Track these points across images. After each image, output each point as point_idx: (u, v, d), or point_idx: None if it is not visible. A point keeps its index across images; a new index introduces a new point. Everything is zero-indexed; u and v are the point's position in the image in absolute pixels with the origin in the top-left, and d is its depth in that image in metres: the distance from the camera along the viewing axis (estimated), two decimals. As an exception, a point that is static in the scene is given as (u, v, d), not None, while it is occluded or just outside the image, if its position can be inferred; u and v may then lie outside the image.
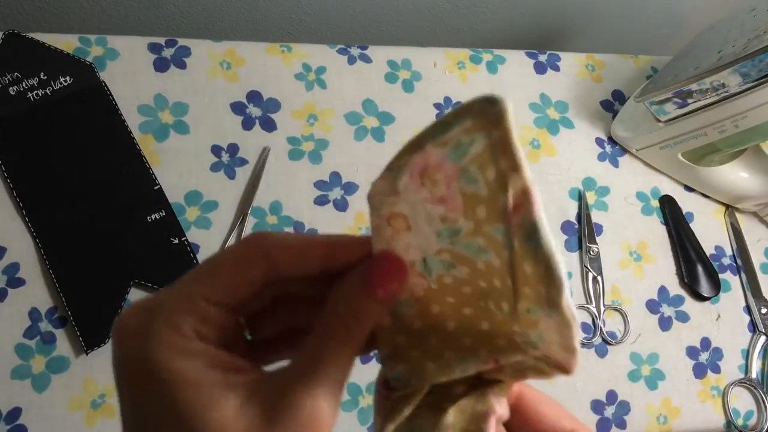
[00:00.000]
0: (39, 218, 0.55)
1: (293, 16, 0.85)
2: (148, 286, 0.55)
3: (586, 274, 0.64)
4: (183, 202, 0.59)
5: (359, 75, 0.67)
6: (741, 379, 0.64)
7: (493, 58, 0.71)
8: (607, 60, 0.75)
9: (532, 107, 0.70)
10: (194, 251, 0.57)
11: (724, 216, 0.71)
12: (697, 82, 0.59)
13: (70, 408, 0.52)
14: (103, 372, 0.53)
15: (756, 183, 0.68)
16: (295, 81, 0.65)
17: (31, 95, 0.57)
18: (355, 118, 0.65)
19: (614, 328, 0.64)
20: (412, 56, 0.69)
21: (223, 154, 0.61)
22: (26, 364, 0.52)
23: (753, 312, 0.67)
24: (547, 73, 0.72)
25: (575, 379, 0.61)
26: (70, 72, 0.59)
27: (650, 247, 0.67)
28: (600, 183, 0.69)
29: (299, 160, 0.62)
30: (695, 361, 0.64)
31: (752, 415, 0.64)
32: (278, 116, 0.63)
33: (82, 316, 0.53)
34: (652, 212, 0.69)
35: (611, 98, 0.73)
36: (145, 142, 0.59)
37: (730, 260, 0.69)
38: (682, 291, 0.67)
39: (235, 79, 0.63)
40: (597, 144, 0.70)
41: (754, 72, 0.56)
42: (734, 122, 0.60)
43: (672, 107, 0.63)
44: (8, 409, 0.51)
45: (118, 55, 0.61)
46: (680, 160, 0.68)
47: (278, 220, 0.60)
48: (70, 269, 0.54)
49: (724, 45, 0.60)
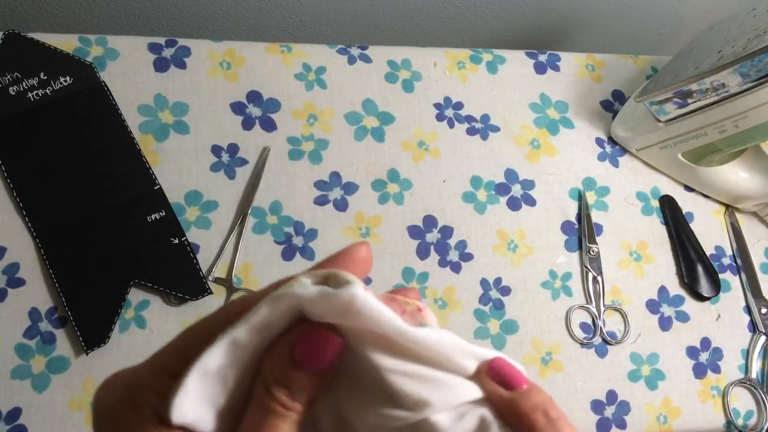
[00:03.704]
0: (39, 218, 0.55)
1: (293, 16, 0.85)
2: (148, 286, 0.55)
3: (586, 274, 0.64)
4: (183, 202, 0.59)
5: (359, 75, 0.67)
6: (741, 379, 0.64)
7: (493, 58, 0.71)
8: (607, 60, 0.75)
9: (532, 107, 0.70)
10: (194, 251, 0.57)
11: (724, 216, 0.71)
12: (697, 82, 0.59)
13: (70, 408, 0.52)
14: (103, 372, 0.53)
15: (756, 183, 0.68)
16: (295, 81, 0.65)
17: (31, 95, 0.57)
18: (355, 118, 0.65)
19: (614, 328, 0.64)
20: (412, 56, 0.69)
21: (223, 154, 0.61)
22: (26, 364, 0.52)
23: (753, 312, 0.67)
24: (547, 73, 0.72)
25: (575, 379, 0.61)
26: (70, 72, 0.59)
27: (650, 247, 0.67)
28: (600, 183, 0.69)
29: (299, 160, 0.62)
30: (695, 361, 0.64)
31: (752, 415, 0.64)
32: (278, 116, 0.63)
33: (82, 316, 0.53)
34: (652, 212, 0.69)
35: (611, 98, 0.73)
36: (145, 142, 0.59)
37: (730, 260, 0.69)
38: (682, 291, 0.67)
39: (235, 79, 0.63)
40: (597, 144, 0.70)
41: (753, 72, 0.56)
42: (734, 122, 0.60)
43: (672, 107, 0.63)
44: (8, 409, 0.51)
45: (118, 55, 0.61)
46: (680, 160, 0.68)
47: (278, 220, 0.60)
48: (70, 269, 0.54)
49: (724, 45, 0.60)
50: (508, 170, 0.67)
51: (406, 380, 0.21)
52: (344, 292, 0.20)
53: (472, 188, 0.65)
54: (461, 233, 0.63)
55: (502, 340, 0.61)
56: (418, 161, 0.65)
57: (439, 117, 0.67)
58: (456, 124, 0.67)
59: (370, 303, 0.20)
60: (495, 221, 0.65)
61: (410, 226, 0.63)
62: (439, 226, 0.63)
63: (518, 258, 0.64)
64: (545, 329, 0.62)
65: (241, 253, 0.58)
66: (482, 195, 0.65)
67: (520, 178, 0.67)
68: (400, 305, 0.22)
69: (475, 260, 0.63)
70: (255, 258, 0.58)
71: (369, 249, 0.24)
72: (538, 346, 0.61)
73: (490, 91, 0.70)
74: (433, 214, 0.63)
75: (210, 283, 0.57)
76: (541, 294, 0.63)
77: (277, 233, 0.60)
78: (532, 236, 0.65)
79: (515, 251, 0.64)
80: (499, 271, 0.63)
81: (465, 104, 0.68)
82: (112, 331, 0.53)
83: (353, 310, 0.20)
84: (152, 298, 0.56)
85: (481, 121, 0.68)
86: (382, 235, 0.62)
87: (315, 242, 0.60)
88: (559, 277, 0.64)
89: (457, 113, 0.68)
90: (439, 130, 0.67)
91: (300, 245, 0.60)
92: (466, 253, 0.63)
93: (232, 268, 0.58)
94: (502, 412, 0.22)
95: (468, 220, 0.64)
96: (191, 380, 0.21)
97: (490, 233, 0.64)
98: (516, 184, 0.67)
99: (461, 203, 0.65)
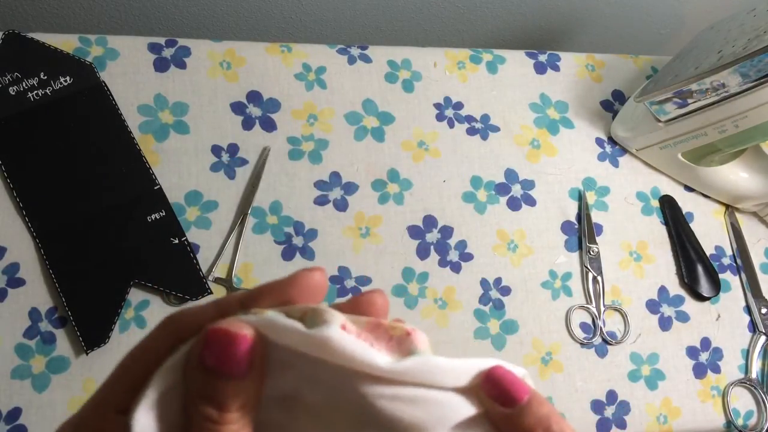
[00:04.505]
0: (39, 218, 0.55)
1: (293, 16, 0.85)
2: (148, 286, 0.55)
3: (586, 274, 0.64)
4: (183, 202, 0.59)
5: (359, 75, 0.67)
6: (741, 379, 0.64)
7: (493, 58, 0.71)
8: (607, 60, 0.75)
9: (532, 107, 0.70)
10: (194, 251, 0.57)
11: (724, 216, 0.71)
12: (697, 82, 0.59)
13: (70, 408, 0.52)
14: (103, 372, 0.53)
15: (756, 183, 0.68)
16: (295, 81, 0.65)
17: (31, 95, 0.57)
18: (355, 118, 0.65)
19: (614, 328, 0.64)
20: (412, 56, 0.69)
21: (223, 154, 0.61)
22: (26, 364, 0.52)
23: (753, 312, 0.67)
24: (547, 73, 0.72)
25: (575, 379, 0.61)
26: (70, 72, 0.59)
27: (650, 247, 0.67)
28: (600, 183, 0.69)
29: (299, 160, 0.62)
30: (695, 361, 0.64)
31: (752, 415, 0.64)
32: (278, 116, 0.63)
33: (82, 316, 0.53)
34: (652, 212, 0.69)
35: (611, 98, 0.73)
36: (145, 142, 0.59)
37: (730, 260, 0.69)
38: (682, 291, 0.67)
39: (235, 79, 0.63)
40: (597, 144, 0.70)
41: (753, 72, 0.56)
42: (734, 122, 0.60)
43: (672, 107, 0.63)
44: (8, 409, 0.51)
45: (118, 55, 0.61)
46: (680, 160, 0.68)
47: (278, 220, 0.60)
48: (70, 269, 0.54)
49: (724, 45, 0.60)
50: (508, 170, 0.67)
51: (398, 404, 0.20)
52: (318, 333, 0.19)
53: (472, 188, 0.65)
54: (461, 233, 0.63)
55: (502, 340, 0.61)
56: (418, 161, 0.65)
57: (439, 117, 0.67)
58: (456, 124, 0.67)
59: (347, 344, 0.19)
60: (495, 221, 0.65)
61: (410, 226, 0.63)
62: (439, 226, 0.63)
63: (518, 258, 0.64)
64: (545, 329, 0.62)
65: (241, 253, 0.58)
66: (482, 195, 0.65)
67: (520, 178, 0.67)
68: (387, 331, 0.21)
69: (475, 260, 0.63)
70: (255, 258, 0.58)
71: (323, 275, 0.22)
72: (538, 346, 0.61)
73: (490, 91, 0.70)
74: (433, 214, 0.64)
75: (210, 283, 0.57)
76: (541, 294, 0.63)
77: (277, 233, 0.60)
78: (532, 236, 0.65)
79: (515, 251, 0.64)
80: (499, 271, 0.63)
81: (465, 104, 0.68)
82: (112, 331, 0.53)
83: (327, 350, 0.19)
84: (152, 298, 0.56)
85: (481, 121, 0.68)
86: (382, 235, 0.62)
87: (315, 242, 0.60)
88: (559, 277, 0.64)
89: (457, 113, 0.68)
90: (439, 130, 0.67)
91: (300, 245, 0.60)
92: (466, 253, 0.63)
93: (232, 268, 0.58)
94: (502, 428, 0.21)
95: (468, 220, 0.64)
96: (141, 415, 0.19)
97: (490, 233, 0.64)
98: (516, 184, 0.67)
99: (461, 203, 0.65)
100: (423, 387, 0.20)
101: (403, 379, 0.20)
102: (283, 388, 0.21)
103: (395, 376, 0.20)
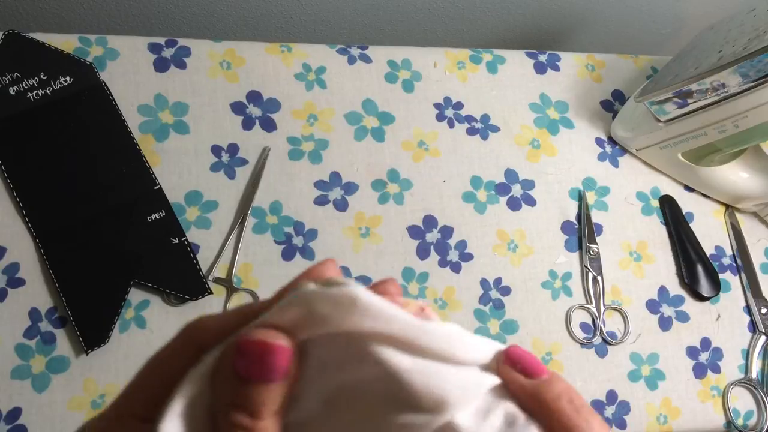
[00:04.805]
0: (39, 218, 0.55)
1: (293, 16, 0.85)
2: (148, 286, 0.55)
3: (586, 274, 0.64)
4: (183, 202, 0.59)
5: (359, 75, 0.67)
6: (741, 379, 0.64)
7: (493, 58, 0.71)
8: (607, 60, 0.75)
9: (532, 107, 0.70)
10: (194, 251, 0.57)
11: (724, 216, 0.71)
12: (697, 82, 0.59)
13: (70, 408, 0.52)
14: (103, 372, 0.53)
15: (756, 183, 0.68)
16: (295, 81, 0.65)
17: (31, 95, 0.57)
18: (355, 118, 0.65)
19: (614, 328, 0.64)
20: (412, 56, 0.69)
21: (223, 154, 0.61)
22: (26, 364, 0.52)
23: (753, 312, 0.67)
24: (547, 73, 0.72)
25: (575, 379, 0.61)
26: (70, 72, 0.59)
27: (650, 247, 0.67)
28: (600, 183, 0.69)
29: (299, 160, 0.62)
30: (695, 361, 0.64)
31: (752, 415, 0.64)
32: (278, 116, 0.63)
33: (82, 316, 0.53)
34: (652, 212, 0.69)
35: (611, 98, 0.73)
36: (145, 142, 0.59)
37: (730, 260, 0.69)
38: (682, 291, 0.67)
39: (235, 79, 0.63)
40: (597, 144, 0.70)
41: (753, 72, 0.56)
42: (734, 122, 0.60)
43: (672, 107, 0.63)
44: (8, 409, 0.51)
45: (118, 55, 0.61)
46: (680, 160, 0.68)
47: (278, 220, 0.60)
48: (70, 269, 0.54)
49: (724, 45, 0.60)
50: (508, 170, 0.67)
51: (424, 378, 0.19)
52: (346, 290, 0.19)
53: (472, 188, 0.65)
54: (461, 233, 0.63)
55: (502, 340, 0.61)
56: (418, 161, 0.65)
57: (439, 117, 0.67)
58: (456, 124, 0.67)
59: (374, 299, 0.19)
60: (495, 221, 0.65)
61: (410, 226, 0.63)
62: (439, 226, 0.63)
63: (518, 258, 0.64)
64: (545, 329, 0.62)
65: (241, 253, 0.58)
66: (482, 195, 0.65)
67: (520, 178, 0.67)
68: (402, 306, 0.21)
69: (475, 260, 0.63)
70: (255, 258, 0.58)
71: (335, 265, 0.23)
72: (538, 346, 0.61)
73: (490, 91, 0.70)
74: (433, 214, 0.63)
75: (210, 283, 0.57)
76: (541, 294, 0.63)
77: (277, 233, 0.60)
78: (532, 236, 0.65)
79: (515, 251, 0.64)
80: (499, 271, 0.63)
81: (465, 104, 0.68)
82: (112, 331, 0.53)
83: (359, 307, 0.19)
84: (152, 298, 0.56)
85: (481, 121, 0.68)
86: (382, 235, 0.62)
87: (315, 242, 0.60)
88: (559, 277, 0.64)
89: (457, 113, 0.68)
90: (439, 130, 0.67)
91: (300, 245, 0.60)
92: (466, 253, 0.63)
93: (232, 268, 0.58)
94: (525, 402, 0.22)
95: (468, 220, 0.64)
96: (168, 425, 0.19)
97: (490, 233, 0.64)
98: (516, 184, 0.67)
99: (461, 203, 0.65)
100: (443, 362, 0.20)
101: (429, 346, 0.20)
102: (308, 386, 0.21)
103: (426, 336, 0.20)
